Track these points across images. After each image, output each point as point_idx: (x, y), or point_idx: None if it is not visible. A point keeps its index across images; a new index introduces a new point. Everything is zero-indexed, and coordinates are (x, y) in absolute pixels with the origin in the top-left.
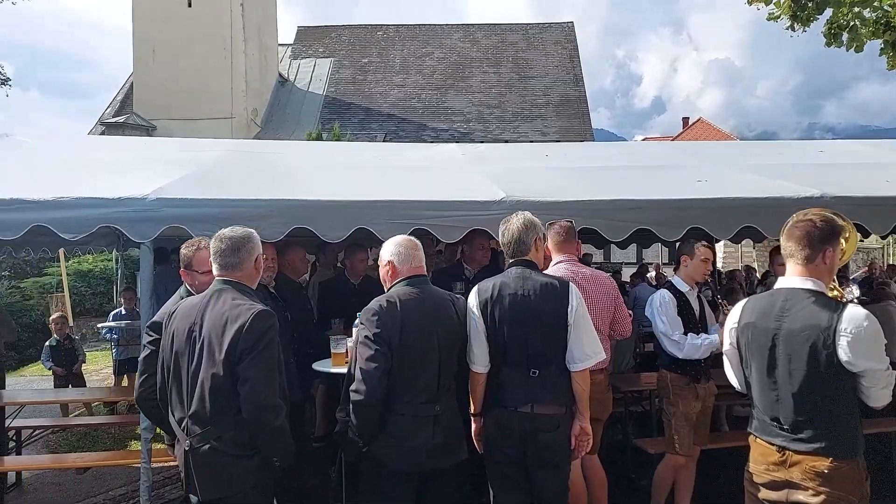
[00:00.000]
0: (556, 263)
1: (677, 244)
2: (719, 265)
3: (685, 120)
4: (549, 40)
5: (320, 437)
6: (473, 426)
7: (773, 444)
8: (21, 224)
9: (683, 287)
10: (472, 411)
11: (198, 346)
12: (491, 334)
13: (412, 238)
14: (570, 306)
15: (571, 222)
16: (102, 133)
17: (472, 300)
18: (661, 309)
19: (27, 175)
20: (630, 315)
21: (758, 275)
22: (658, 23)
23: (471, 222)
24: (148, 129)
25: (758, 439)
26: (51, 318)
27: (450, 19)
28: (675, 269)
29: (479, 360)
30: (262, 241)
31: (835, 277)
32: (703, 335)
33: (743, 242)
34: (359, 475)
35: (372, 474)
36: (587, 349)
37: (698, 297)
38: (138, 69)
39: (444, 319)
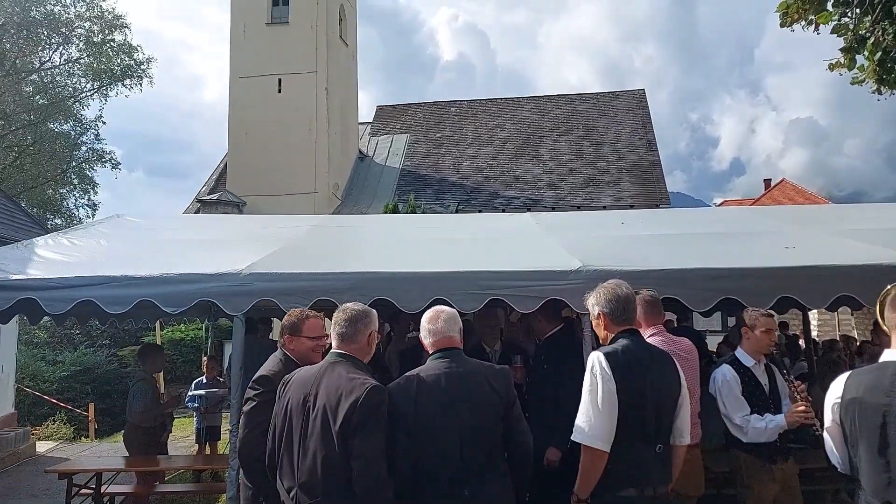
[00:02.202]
0: (650, 336)
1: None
2: (814, 334)
3: (767, 181)
4: (620, 108)
5: None
6: None
7: None
8: (130, 299)
9: (748, 361)
10: (581, 496)
11: (311, 417)
12: (623, 405)
13: (444, 309)
14: (681, 379)
15: (655, 293)
16: (198, 209)
17: (600, 366)
18: (722, 388)
19: (135, 253)
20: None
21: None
22: (732, 85)
23: (547, 292)
24: (238, 205)
25: None
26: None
27: (520, 92)
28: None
29: (605, 435)
30: None
31: None
32: (769, 416)
33: (840, 309)
34: None
35: None
36: (688, 424)
37: (768, 369)
38: (232, 150)
39: (473, 393)
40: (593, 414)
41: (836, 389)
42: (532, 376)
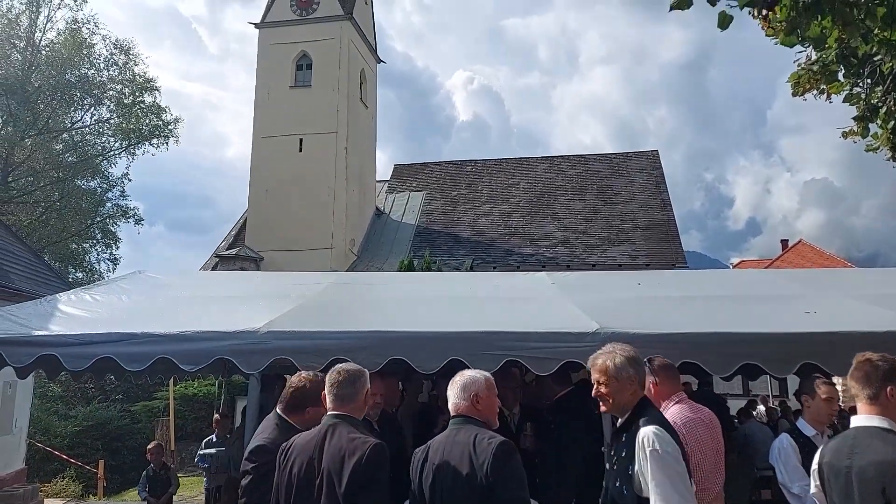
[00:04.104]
0: (676, 404)
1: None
2: (839, 398)
3: (784, 242)
4: (634, 168)
5: None
6: None
7: None
8: (148, 356)
9: (808, 431)
10: None
11: (316, 483)
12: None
13: (463, 374)
14: None
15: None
16: (216, 264)
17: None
18: (780, 457)
19: (155, 310)
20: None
21: None
22: (746, 146)
23: (564, 354)
24: (256, 260)
25: None
26: (147, 448)
27: (534, 152)
28: (798, 411)
29: None
30: (374, 376)
31: None
32: None
33: None
34: None
35: None
36: None
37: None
38: (252, 206)
39: (451, 468)
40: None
41: (816, 457)
42: (541, 440)
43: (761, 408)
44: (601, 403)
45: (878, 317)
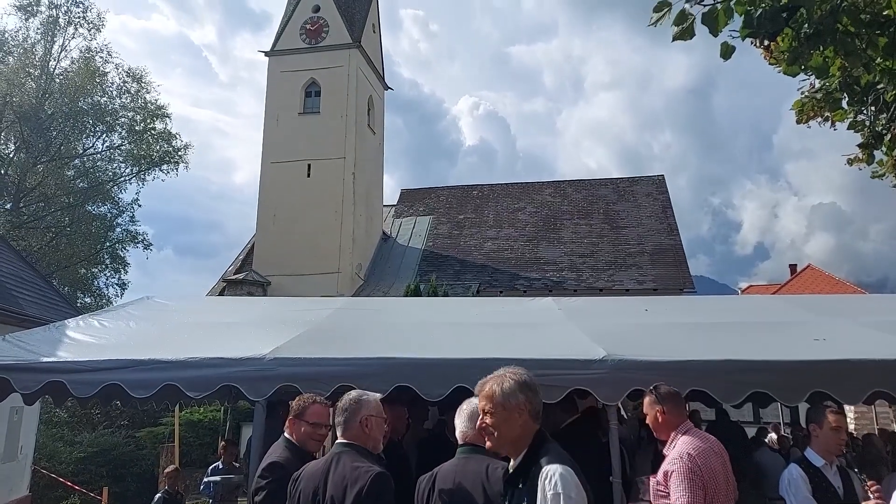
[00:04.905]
0: (685, 434)
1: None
2: (850, 427)
3: (793, 266)
4: (640, 192)
5: None
6: None
7: None
8: (155, 383)
9: (817, 461)
10: None
11: None
12: None
13: (470, 401)
14: None
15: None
16: (224, 288)
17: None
18: (790, 488)
19: (162, 336)
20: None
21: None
22: (752, 171)
23: (571, 382)
24: (263, 285)
25: None
26: (165, 471)
27: (540, 176)
28: (807, 440)
29: None
30: (381, 404)
31: None
32: None
33: (877, 402)
34: None
35: None
36: None
37: (842, 471)
38: (260, 231)
39: (464, 497)
40: None
41: None
42: None
43: (773, 435)
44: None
45: (888, 344)
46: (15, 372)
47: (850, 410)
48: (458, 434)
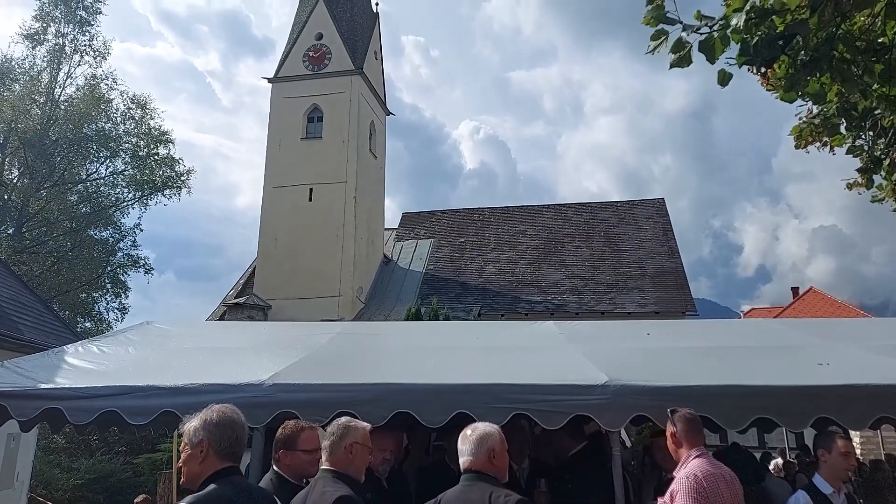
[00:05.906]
0: (696, 458)
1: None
2: (857, 452)
3: (795, 289)
4: (641, 215)
5: None
6: None
7: None
8: (152, 410)
9: (826, 489)
10: None
11: None
12: None
13: (475, 427)
14: None
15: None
16: (224, 312)
17: None
18: None
19: (161, 362)
20: None
21: None
22: (752, 193)
23: (573, 408)
24: (264, 309)
25: None
26: (135, 501)
27: (541, 199)
28: (815, 466)
29: None
30: (383, 431)
31: None
32: None
33: (883, 426)
34: None
35: None
36: None
37: (850, 498)
38: (261, 256)
39: None
40: None
41: None
42: (556, 496)
43: (778, 461)
44: None
45: (893, 369)
46: (12, 398)
47: (856, 436)
48: (461, 461)
